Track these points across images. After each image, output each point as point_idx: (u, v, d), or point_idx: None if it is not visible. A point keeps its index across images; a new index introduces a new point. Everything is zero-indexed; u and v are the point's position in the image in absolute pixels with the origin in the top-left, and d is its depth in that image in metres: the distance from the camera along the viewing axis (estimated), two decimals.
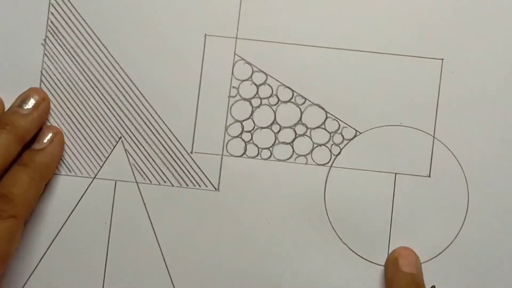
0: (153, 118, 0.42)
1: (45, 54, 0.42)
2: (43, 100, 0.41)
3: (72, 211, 0.42)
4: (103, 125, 0.42)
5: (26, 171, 0.39)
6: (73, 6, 0.42)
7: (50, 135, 0.41)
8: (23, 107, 0.40)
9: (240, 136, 0.42)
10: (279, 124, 0.42)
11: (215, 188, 0.42)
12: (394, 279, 0.39)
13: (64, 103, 0.42)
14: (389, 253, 0.41)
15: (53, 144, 0.40)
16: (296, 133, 0.42)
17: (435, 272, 0.41)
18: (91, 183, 0.42)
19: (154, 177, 0.42)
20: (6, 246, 0.37)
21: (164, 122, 0.42)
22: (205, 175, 0.42)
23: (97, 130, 0.42)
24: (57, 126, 0.42)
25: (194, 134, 0.42)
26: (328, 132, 0.42)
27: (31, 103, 0.40)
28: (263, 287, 0.41)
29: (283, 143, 0.42)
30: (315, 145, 0.42)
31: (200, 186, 0.42)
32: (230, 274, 0.41)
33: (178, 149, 0.42)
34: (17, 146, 0.39)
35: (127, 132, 0.42)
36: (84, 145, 0.42)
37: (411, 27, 0.42)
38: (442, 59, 0.42)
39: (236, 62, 0.42)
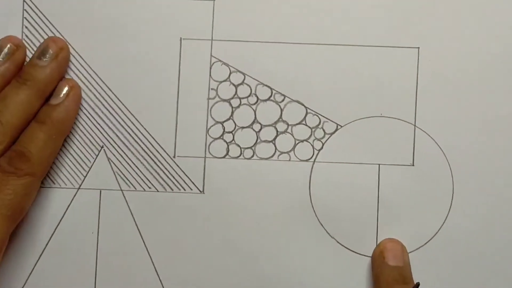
0: (134, 124, 0.42)
1: None
2: (61, 49, 0.40)
3: (59, 223, 0.42)
4: (84, 135, 0.42)
5: (43, 129, 0.39)
6: (45, 18, 0.42)
7: (66, 89, 0.40)
8: (42, 59, 0.40)
9: (221, 137, 0.42)
10: (260, 123, 0.42)
11: (200, 191, 0.42)
12: (380, 274, 0.39)
13: None
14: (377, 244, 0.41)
15: (69, 98, 0.40)
16: (277, 131, 0.42)
17: (422, 261, 0.41)
18: (76, 193, 0.42)
19: (139, 183, 0.42)
20: (21, 202, 0.38)
21: (145, 128, 0.42)
22: (189, 178, 0.42)
23: (78, 141, 0.42)
24: None
25: (175, 138, 0.42)
26: (309, 127, 0.42)
27: (49, 54, 0.40)
28: (254, 287, 0.41)
29: (265, 141, 0.42)
30: (297, 142, 0.42)
31: (185, 190, 0.42)
32: (220, 275, 0.41)
33: (160, 154, 0.42)
34: (38, 100, 0.39)
35: (108, 141, 0.42)
36: (67, 156, 0.42)
37: (385, 17, 0.42)
38: (418, 47, 0.42)
39: (213, 63, 0.42)
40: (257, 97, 0.42)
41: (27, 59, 0.41)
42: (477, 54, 0.41)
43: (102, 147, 0.42)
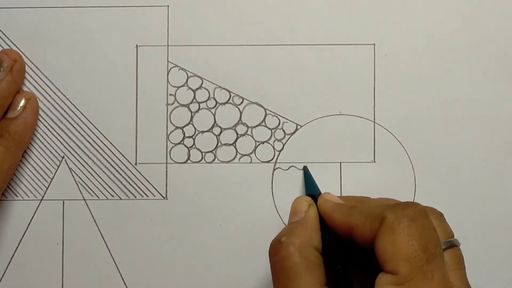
0: (94, 133, 0.42)
1: None
2: (15, 62, 0.40)
3: (23, 235, 0.41)
4: (45, 146, 0.42)
5: (1, 142, 0.39)
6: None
7: (23, 101, 0.40)
8: None
9: (182, 142, 0.42)
10: (219, 126, 0.42)
11: (163, 197, 0.42)
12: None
13: None
14: None
15: (26, 111, 0.40)
16: (237, 134, 0.42)
17: None
18: (39, 205, 0.42)
19: (102, 192, 0.42)
20: None
21: (105, 137, 0.42)
22: (151, 185, 0.42)
23: (39, 152, 0.42)
24: None
25: (136, 146, 0.42)
26: (269, 129, 0.42)
27: (3, 68, 0.40)
28: None
29: (225, 144, 0.42)
30: (257, 143, 0.42)
31: (148, 197, 0.42)
32: (186, 280, 0.41)
33: (122, 162, 0.42)
34: None
35: (69, 151, 0.42)
36: (28, 168, 0.42)
37: (339, 15, 0.42)
38: (374, 44, 0.42)
39: (170, 69, 0.42)
40: (216, 101, 0.42)
41: None
42: (432, 48, 0.42)
43: (63, 157, 0.42)
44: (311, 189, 0.39)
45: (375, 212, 0.32)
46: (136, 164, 0.42)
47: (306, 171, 0.41)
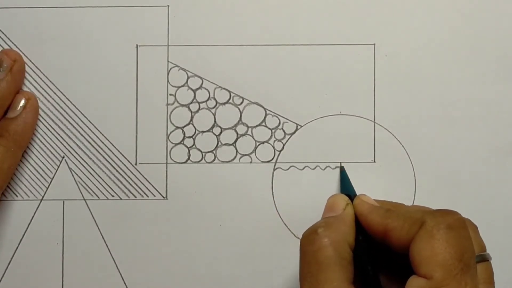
0: (94, 133, 0.42)
1: None
2: (15, 62, 0.40)
3: (23, 235, 0.41)
4: (45, 146, 0.42)
5: (1, 142, 0.39)
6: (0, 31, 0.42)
7: (23, 101, 0.40)
8: None
9: (182, 142, 0.42)
10: (219, 126, 0.42)
11: (163, 197, 0.42)
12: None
13: None
14: None
15: (26, 111, 0.40)
16: (237, 134, 0.42)
17: None
18: (39, 205, 0.42)
19: (102, 192, 0.42)
20: None
21: (105, 137, 0.42)
22: (152, 185, 0.42)
23: (39, 152, 0.42)
24: None
25: (136, 146, 0.42)
26: (269, 129, 0.42)
27: (3, 68, 0.40)
28: None
29: (225, 144, 0.42)
30: (257, 143, 0.42)
31: (148, 197, 0.42)
32: (187, 280, 0.41)
33: (122, 162, 0.42)
34: None
35: (69, 151, 0.42)
36: (28, 168, 0.42)
37: (339, 15, 0.42)
38: (374, 44, 0.42)
39: (171, 69, 0.42)
40: (216, 101, 0.42)
41: None
42: (432, 48, 0.42)
43: (63, 157, 0.42)
44: (346, 189, 0.40)
45: (415, 216, 0.33)
46: (136, 164, 0.42)
47: (343, 171, 0.41)
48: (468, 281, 0.31)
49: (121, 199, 0.42)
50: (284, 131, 0.42)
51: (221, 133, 0.42)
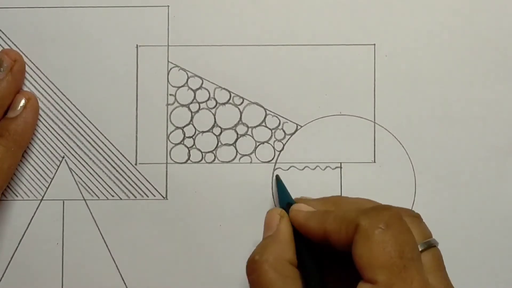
0: (94, 133, 0.42)
1: None
2: (15, 61, 0.40)
3: (23, 235, 0.41)
4: (45, 146, 0.42)
5: (1, 142, 0.39)
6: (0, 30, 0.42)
7: (23, 101, 0.40)
8: None
9: (182, 142, 0.42)
10: (219, 127, 0.42)
11: (163, 197, 0.42)
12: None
13: None
14: None
15: (27, 110, 0.40)
16: (237, 134, 0.42)
17: None
18: (39, 205, 0.42)
19: (102, 192, 0.42)
20: None
21: (105, 137, 0.42)
22: (152, 185, 0.42)
23: (39, 152, 0.42)
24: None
25: (136, 146, 0.42)
26: (269, 129, 0.42)
27: (3, 68, 0.40)
28: None
29: (225, 144, 0.42)
30: (257, 144, 0.42)
31: (148, 197, 0.42)
32: (187, 280, 0.41)
33: (122, 162, 0.42)
34: None
35: (69, 151, 0.42)
36: (28, 168, 0.42)
37: (339, 15, 0.42)
38: (374, 44, 0.42)
39: (171, 69, 0.42)
40: (216, 101, 0.42)
41: None
42: (432, 48, 0.42)
43: (63, 157, 0.42)
44: (284, 199, 0.39)
45: (349, 217, 0.32)
46: (136, 164, 0.42)
47: (279, 181, 0.40)
48: (414, 275, 0.30)
49: (121, 199, 0.42)
50: (284, 131, 0.42)
51: (221, 133, 0.42)
